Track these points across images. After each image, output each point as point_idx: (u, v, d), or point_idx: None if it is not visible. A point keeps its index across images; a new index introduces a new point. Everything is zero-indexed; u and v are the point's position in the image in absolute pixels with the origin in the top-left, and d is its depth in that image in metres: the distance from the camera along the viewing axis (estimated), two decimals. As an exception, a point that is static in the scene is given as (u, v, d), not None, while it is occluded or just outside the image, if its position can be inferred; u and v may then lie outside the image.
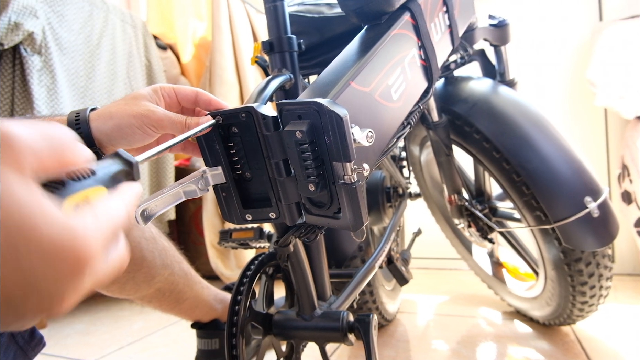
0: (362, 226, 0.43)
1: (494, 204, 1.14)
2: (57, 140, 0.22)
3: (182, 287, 0.82)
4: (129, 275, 0.72)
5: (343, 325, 0.65)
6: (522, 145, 0.87)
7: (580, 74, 1.59)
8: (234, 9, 1.78)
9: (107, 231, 0.23)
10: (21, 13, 1.15)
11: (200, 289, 0.87)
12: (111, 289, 0.73)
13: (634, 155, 1.38)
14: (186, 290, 0.83)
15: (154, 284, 0.76)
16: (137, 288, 0.74)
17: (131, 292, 0.75)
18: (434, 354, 1.03)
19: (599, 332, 1.09)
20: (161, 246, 0.77)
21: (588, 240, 0.83)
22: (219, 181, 0.46)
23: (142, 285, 0.74)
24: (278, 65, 0.60)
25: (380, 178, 1.06)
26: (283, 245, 0.61)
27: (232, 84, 1.76)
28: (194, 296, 0.85)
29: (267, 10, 0.60)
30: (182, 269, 0.82)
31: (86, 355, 1.16)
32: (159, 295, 0.79)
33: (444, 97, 1.00)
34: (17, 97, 1.17)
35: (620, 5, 1.56)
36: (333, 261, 0.95)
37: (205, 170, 0.45)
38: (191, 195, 0.44)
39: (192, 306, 0.86)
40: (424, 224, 1.37)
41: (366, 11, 0.60)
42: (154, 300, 0.80)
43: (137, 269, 0.72)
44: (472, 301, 1.41)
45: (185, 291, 0.82)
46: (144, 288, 0.75)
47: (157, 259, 0.75)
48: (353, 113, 0.46)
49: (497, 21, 1.06)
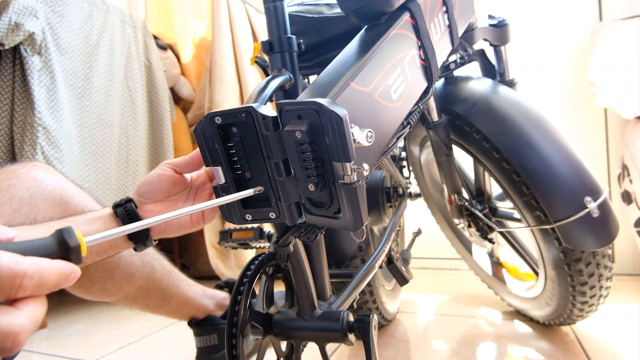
0: (362, 226, 0.43)
1: (494, 204, 1.14)
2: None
3: (167, 285, 0.83)
4: (107, 273, 0.73)
5: (343, 325, 0.65)
6: (522, 145, 0.87)
7: (580, 74, 1.59)
8: (234, 9, 1.78)
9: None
10: (21, 13, 1.15)
11: (186, 286, 0.87)
12: (93, 291, 0.74)
13: (634, 155, 1.38)
14: (171, 287, 0.83)
15: (135, 281, 0.77)
16: (118, 287, 0.75)
17: (113, 292, 0.75)
18: (434, 354, 1.03)
19: (599, 332, 1.09)
20: None
21: (588, 240, 0.83)
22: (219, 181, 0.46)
23: (122, 283, 0.75)
24: (278, 65, 0.60)
25: (380, 178, 1.06)
26: (283, 245, 0.61)
27: (232, 84, 1.76)
28: (181, 293, 0.85)
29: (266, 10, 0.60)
30: (163, 267, 0.83)
31: (86, 355, 1.16)
32: (143, 294, 0.80)
33: (444, 97, 1.00)
34: (17, 97, 1.17)
35: (620, 5, 1.56)
36: (333, 261, 0.95)
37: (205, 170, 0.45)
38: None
39: (181, 303, 0.86)
40: (424, 224, 1.37)
41: (366, 11, 0.60)
42: (140, 299, 0.80)
43: (114, 267, 0.73)
44: (472, 301, 1.41)
45: (170, 288, 0.83)
46: (125, 286, 0.76)
47: (135, 257, 0.76)
48: (353, 113, 0.46)
49: (497, 21, 1.06)
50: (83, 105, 1.35)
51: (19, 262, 0.25)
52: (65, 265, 0.28)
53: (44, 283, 0.26)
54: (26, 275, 0.25)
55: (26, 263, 0.25)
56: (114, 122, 1.46)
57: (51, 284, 0.26)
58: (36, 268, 0.25)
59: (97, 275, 0.72)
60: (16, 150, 1.16)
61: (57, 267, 0.27)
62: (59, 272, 0.27)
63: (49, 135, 1.17)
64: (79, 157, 1.31)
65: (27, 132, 1.15)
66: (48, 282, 0.26)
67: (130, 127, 1.54)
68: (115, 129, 1.46)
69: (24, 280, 0.25)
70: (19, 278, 0.25)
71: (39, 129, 1.15)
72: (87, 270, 0.71)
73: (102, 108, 1.42)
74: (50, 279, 0.26)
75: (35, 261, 0.26)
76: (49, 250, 0.28)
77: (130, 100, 1.55)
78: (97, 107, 1.40)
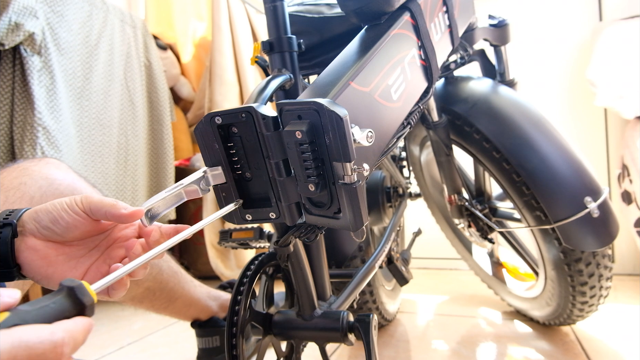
0: (362, 226, 0.43)
1: (494, 204, 1.14)
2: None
3: (173, 286, 0.82)
4: None
5: (343, 325, 0.65)
6: (522, 145, 0.87)
7: (580, 74, 1.59)
8: (234, 9, 1.78)
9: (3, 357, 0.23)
10: (21, 13, 1.15)
11: (192, 287, 0.87)
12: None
13: (634, 155, 1.38)
14: (177, 289, 0.83)
15: (142, 282, 0.76)
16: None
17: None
18: (434, 354, 1.03)
19: (599, 332, 1.09)
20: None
21: (588, 240, 0.83)
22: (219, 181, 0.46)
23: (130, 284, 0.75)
24: (278, 65, 0.60)
25: (380, 178, 1.06)
26: (283, 245, 0.61)
27: (232, 84, 1.76)
28: (186, 294, 0.85)
29: (267, 10, 0.60)
30: (170, 268, 0.82)
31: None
32: (150, 295, 0.79)
33: (444, 97, 1.00)
34: (17, 98, 1.17)
35: (620, 5, 1.56)
36: (333, 261, 0.95)
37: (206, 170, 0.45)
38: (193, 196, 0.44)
39: (186, 305, 0.86)
40: (424, 224, 1.37)
41: (366, 11, 0.60)
42: (146, 300, 0.80)
43: None
44: (472, 301, 1.41)
45: (176, 289, 0.83)
46: (133, 287, 0.76)
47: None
48: (353, 113, 0.46)
49: (497, 21, 1.06)
50: (82, 105, 1.35)
51: (54, 333, 0.25)
52: (86, 321, 0.28)
53: (77, 345, 0.27)
54: (64, 343, 0.26)
55: (59, 331, 0.26)
56: (113, 122, 1.46)
57: (80, 344, 0.27)
58: (69, 334, 0.26)
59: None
60: (16, 150, 1.16)
61: (81, 325, 0.28)
62: (84, 330, 0.28)
63: (48, 135, 1.17)
64: (78, 157, 1.31)
65: (27, 132, 1.15)
66: (79, 342, 0.27)
67: (129, 127, 1.54)
68: (114, 129, 1.46)
69: (64, 349, 0.26)
70: (59, 347, 0.25)
71: (38, 129, 1.15)
72: None
73: (101, 108, 1.42)
74: (80, 339, 0.27)
75: (65, 327, 0.26)
76: (67, 311, 0.28)
77: (129, 101, 1.55)
78: (97, 107, 1.40)
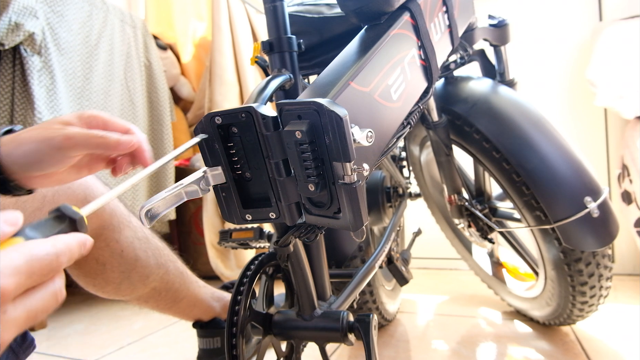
0: (362, 226, 0.43)
1: (494, 204, 1.14)
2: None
3: (178, 286, 0.82)
4: (124, 275, 0.72)
5: (343, 325, 0.65)
6: (521, 145, 0.87)
7: (580, 74, 1.59)
8: (234, 9, 1.78)
9: (22, 269, 0.25)
10: (21, 13, 1.15)
11: (196, 287, 0.87)
12: (107, 290, 0.74)
13: (634, 155, 1.38)
14: (182, 289, 0.83)
15: (149, 283, 0.76)
16: (132, 288, 0.75)
17: (127, 292, 0.75)
18: (434, 354, 1.03)
19: (599, 332, 1.09)
20: (154, 246, 0.78)
21: (588, 240, 0.83)
22: (219, 181, 0.46)
23: (137, 284, 0.74)
24: (278, 65, 0.60)
25: (380, 178, 1.06)
26: (283, 245, 0.61)
27: (232, 84, 1.76)
28: (191, 295, 0.85)
29: (266, 10, 0.60)
30: (177, 268, 0.82)
31: (86, 355, 1.16)
32: (155, 295, 0.79)
33: (444, 97, 1.00)
34: (17, 98, 1.17)
35: (620, 5, 1.56)
36: (333, 261, 0.95)
37: (206, 170, 0.45)
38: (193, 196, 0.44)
39: (190, 305, 0.86)
40: (424, 224, 1.37)
41: (366, 11, 0.60)
42: (151, 300, 0.80)
43: (131, 269, 0.73)
44: (472, 301, 1.41)
45: (181, 290, 0.83)
46: (140, 287, 0.75)
47: (151, 259, 0.76)
48: (353, 113, 0.46)
49: (497, 21, 1.06)
50: (82, 105, 1.35)
51: (55, 245, 0.28)
52: (80, 235, 0.31)
53: (73, 255, 0.29)
54: (62, 253, 0.29)
55: (59, 243, 0.28)
56: (113, 122, 1.46)
57: (76, 254, 0.30)
58: (66, 245, 0.29)
59: (113, 276, 0.72)
60: (16, 150, 1.16)
61: (76, 239, 0.30)
62: (79, 243, 0.30)
63: (48, 135, 1.17)
64: (79, 157, 1.31)
65: (27, 132, 1.15)
66: (75, 253, 0.30)
67: (129, 127, 1.54)
68: (114, 129, 1.46)
69: (62, 258, 0.28)
70: (60, 257, 0.28)
71: (38, 129, 1.15)
72: (103, 270, 0.71)
73: (101, 108, 1.42)
74: (75, 251, 0.30)
75: (63, 239, 0.29)
76: (61, 227, 0.31)
77: (129, 101, 1.55)
78: (97, 107, 1.40)
